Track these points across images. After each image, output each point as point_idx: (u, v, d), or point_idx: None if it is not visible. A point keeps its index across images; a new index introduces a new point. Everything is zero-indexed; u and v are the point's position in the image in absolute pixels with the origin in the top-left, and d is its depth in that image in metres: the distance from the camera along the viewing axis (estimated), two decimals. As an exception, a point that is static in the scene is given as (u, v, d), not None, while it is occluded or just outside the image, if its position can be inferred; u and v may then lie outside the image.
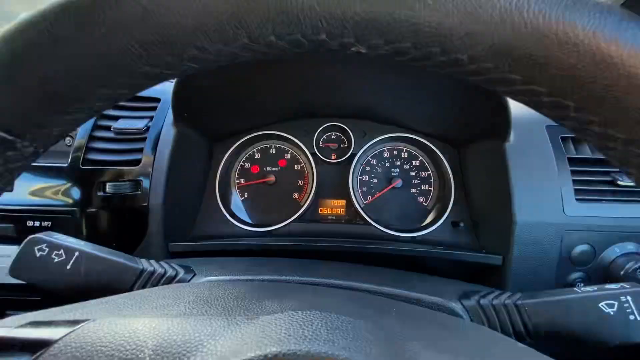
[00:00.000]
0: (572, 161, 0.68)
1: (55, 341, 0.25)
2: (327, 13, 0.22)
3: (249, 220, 0.89)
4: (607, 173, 0.68)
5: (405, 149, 0.92)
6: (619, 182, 0.66)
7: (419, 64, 0.25)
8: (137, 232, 0.69)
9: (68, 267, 0.44)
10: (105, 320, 0.27)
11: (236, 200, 0.92)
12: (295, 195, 0.92)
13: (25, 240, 0.44)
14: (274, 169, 0.93)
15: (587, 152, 0.69)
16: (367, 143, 0.89)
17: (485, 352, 0.29)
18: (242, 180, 0.93)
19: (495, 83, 0.24)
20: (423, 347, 0.26)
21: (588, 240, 0.65)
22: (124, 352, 0.24)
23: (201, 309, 0.31)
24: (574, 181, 0.66)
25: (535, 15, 0.20)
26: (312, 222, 0.90)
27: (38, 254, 0.44)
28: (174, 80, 0.62)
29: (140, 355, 0.23)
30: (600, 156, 0.69)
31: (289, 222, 0.87)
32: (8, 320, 0.31)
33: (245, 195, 0.93)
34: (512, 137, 0.68)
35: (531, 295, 0.45)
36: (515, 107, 0.64)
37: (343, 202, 0.92)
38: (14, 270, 0.43)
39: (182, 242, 0.73)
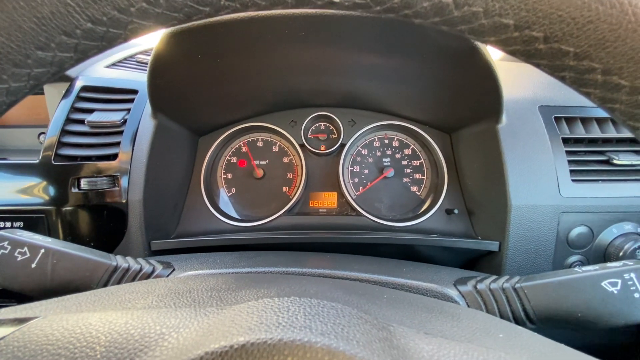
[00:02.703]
0: (566, 141, 0.66)
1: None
2: None
3: (236, 216, 0.86)
4: (602, 152, 0.66)
5: (396, 137, 0.89)
6: (615, 161, 0.64)
7: (401, 15, 0.22)
8: (116, 231, 0.65)
9: (33, 265, 0.40)
10: (56, 317, 0.24)
11: (223, 195, 0.88)
12: (285, 188, 0.89)
13: (-16, 239, 0.40)
14: (261, 162, 0.90)
15: (581, 132, 0.67)
16: (357, 132, 0.87)
17: (480, 335, 0.26)
18: (229, 175, 0.90)
19: (485, 32, 0.22)
20: (414, 331, 0.23)
21: (585, 221, 0.63)
22: (73, 351, 0.21)
23: (170, 302, 0.28)
24: (569, 161, 0.64)
25: None
26: (302, 215, 0.87)
27: (-1, 253, 0.40)
28: (148, 69, 0.58)
29: (90, 353, 0.20)
30: (595, 135, 0.67)
31: (278, 216, 0.84)
32: None
33: (233, 190, 0.89)
34: (504, 118, 0.66)
35: (530, 278, 0.42)
36: (506, 88, 0.62)
37: (334, 195, 0.89)
38: (-29, 271, 0.39)
39: (165, 240, 0.69)
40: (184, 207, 0.82)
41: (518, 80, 0.75)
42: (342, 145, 0.87)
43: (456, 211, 0.76)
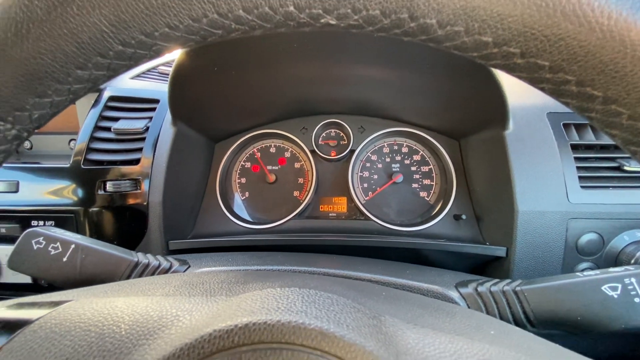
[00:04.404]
0: (575, 148, 0.66)
1: (35, 320, 0.25)
2: None
3: (249, 219, 0.89)
4: (612, 159, 0.65)
5: (405, 143, 0.91)
6: (626, 168, 0.63)
7: (392, 34, 0.25)
8: (137, 230, 0.69)
9: (64, 259, 0.45)
10: (86, 301, 0.27)
11: (237, 199, 0.92)
12: (296, 193, 0.92)
13: (23, 234, 0.45)
14: (274, 167, 0.94)
15: (591, 138, 0.67)
16: (366, 139, 0.89)
17: (471, 330, 0.28)
18: (243, 180, 0.94)
19: (467, 48, 0.24)
20: (404, 322, 0.25)
21: (595, 228, 0.62)
22: (101, 327, 0.24)
23: (184, 291, 0.31)
24: (578, 168, 0.64)
25: None
26: (312, 219, 0.89)
27: (35, 247, 0.44)
28: (169, 81, 0.63)
29: (116, 330, 0.23)
30: (605, 142, 0.67)
31: (289, 219, 0.86)
32: None
33: (246, 194, 0.93)
34: (511, 125, 0.66)
35: (531, 281, 0.43)
36: (514, 96, 0.63)
37: (344, 199, 0.91)
38: (11, 262, 0.44)
39: (182, 240, 0.73)
40: (200, 209, 0.86)
41: (526, 88, 0.76)
42: (352, 151, 0.89)
43: (464, 217, 0.77)
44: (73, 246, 0.45)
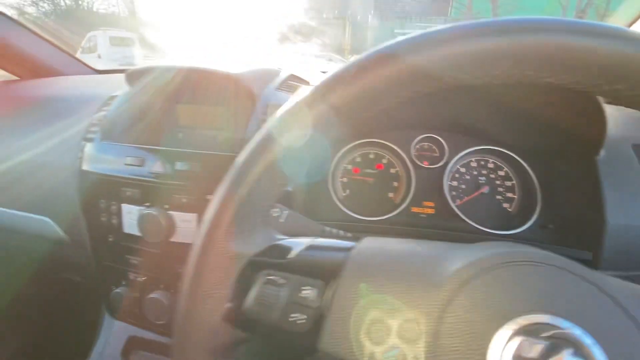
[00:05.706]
0: (658, 175, 0.78)
1: (359, 242, 0.42)
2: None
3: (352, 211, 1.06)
4: (692, 187, 0.77)
5: (491, 160, 1.05)
6: None
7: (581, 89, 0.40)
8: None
9: (281, 220, 0.62)
10: (378, 238, 0.43)
11: (340, 195, 1.09)
12: (391, 195, 1.08)
13: (256, 200, 0.63)
14: (372, 171, 1.10)
15: (672, 169, 0.79)
16: (458, 154, 1.04)
17: None
18: (345, 179, 1.11)
19: (594, 89, 0.38)
20: None
21: (676, 244, 0.74)
22: (406, 245, 0.40)
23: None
24: None
25: None
26: (405, 217, 1.04)
27: (262, 209, 0.62)
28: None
29: (416, 250, 0.40)
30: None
31: (385, 218, 1.02)
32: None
33: (347, 191, 1.10)
34: (602, 152, 0.80)
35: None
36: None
37: (432, 204, 1.06)
38: (248, 218, 0.62)
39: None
40: (320, 199, 1.03)
41: (612, 120, 0.89)
42: (444, 163, 1.04)
43: (551, 226, 0.90)
44: (286, 211, 0.63)
